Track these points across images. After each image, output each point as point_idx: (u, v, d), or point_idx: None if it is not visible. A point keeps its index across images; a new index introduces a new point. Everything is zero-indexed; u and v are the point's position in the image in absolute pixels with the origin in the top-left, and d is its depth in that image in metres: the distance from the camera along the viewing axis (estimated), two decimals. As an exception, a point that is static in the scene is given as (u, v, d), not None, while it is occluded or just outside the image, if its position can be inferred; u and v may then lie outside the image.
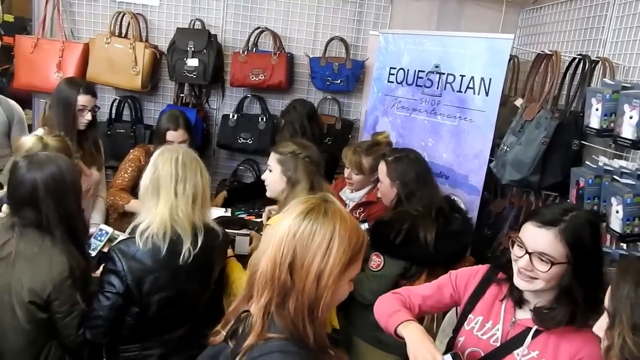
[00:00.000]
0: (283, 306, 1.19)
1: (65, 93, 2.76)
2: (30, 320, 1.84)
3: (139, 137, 3.67)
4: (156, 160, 1.96)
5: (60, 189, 1.88)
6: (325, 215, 1.21)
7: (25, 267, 1.82)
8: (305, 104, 3.28)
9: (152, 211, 1.90)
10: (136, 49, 3.53)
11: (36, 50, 3.62)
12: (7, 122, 3.48)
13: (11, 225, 1.87)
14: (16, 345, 1.86)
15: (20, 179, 1.86)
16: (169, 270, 1.92)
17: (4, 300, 1.83)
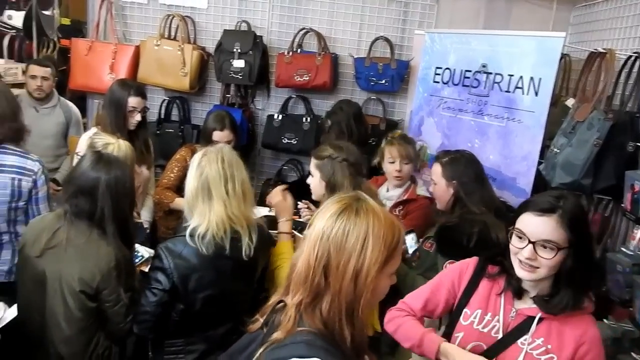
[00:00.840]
0: (313, 307, 1.18)
1: (117, 94, 2.86)
2: (81, 308, 1.93)
3: (186, 136, 3.76)
4: (200, 162, 1.97)
5: (119, 191, 1.98)
6: (357, 214, 1.19)
7: (75, 256, 1.91)
8: (352, 104, 3.28)
9: (206, 214, 1.91)
10: (184, 50, 3.61)
11: (91, 53, 3.77)
12: (65, 122, 3.65)
13: (63, 212, 1.97)
14: (68, 333, 1.94)
15: (84, 171, 1.96)
16: (213, 269, 1.95)
17: (56, 289, 1.92)
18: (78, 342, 1.97)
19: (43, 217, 2.14)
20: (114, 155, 2.13)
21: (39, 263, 1.94)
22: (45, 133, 3.53)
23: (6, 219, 2.36)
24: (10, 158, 2.34)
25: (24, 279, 2.03)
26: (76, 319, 1.93)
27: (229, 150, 2.06)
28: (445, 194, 2.32)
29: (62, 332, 1.94)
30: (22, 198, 2.36)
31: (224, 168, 1.96)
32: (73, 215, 1.96)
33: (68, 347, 1.96)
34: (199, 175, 1.94)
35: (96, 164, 1.97)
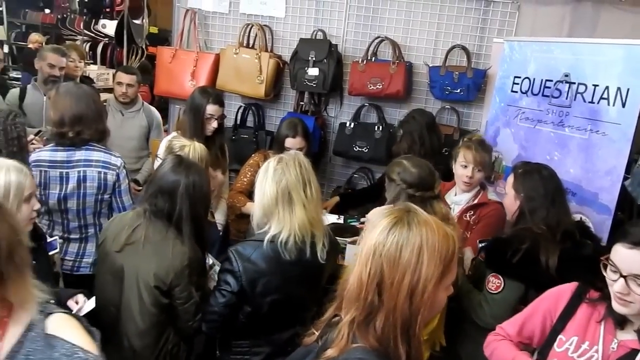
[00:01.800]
0: (366, 324, 1.16)
1: (197, 101, 2.99)
2: (155, 303, 2.03)
3: (260, 142, 3.86)
4: (276, 170, 2.00)
5: (196, 195, 2.07)
6: (409, 227, 1.15)
7: (151, 253, 2.01)
8: (425, 114, 3.22)
9: (287, 219, 1.95)
10: (261, 58, 3.72)
11: (174, 60, 3.96)
12: (147, 126, 3.86)
13: (142, 211, 2.08)
14: (141, 327, 2.05)
15: (165, 173, 2.07)
16: (280, 274, 1.99)
17: (132, 283, 2.04)
18: (150, 336, 2.07)
19: (124, 215, 2.27)
20: (193, 161, 2.24)
21: (118, 258, 2.07)
22: (129, 135, 3.76)
23: (93, 210, 2.56)
24: (96, 154, 2.54)
25: (102, 272, 2.16)
26: (149, 314, 2.04)
27: (304, 157, 2.11)
28: (512, 206, 2.24)
29: (136, 326, 2.05)
30: (107, 190, 2.56)
31: (302, 173, 2.00)
32: (152, 214, 2.07)
33: (140, 340, 2.06)
34: (279, 181, 1.96)
35: (177, 168, 2.08)
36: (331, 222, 2.91)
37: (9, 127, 2.25)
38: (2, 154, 2.17)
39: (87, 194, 2.54)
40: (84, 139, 2.52)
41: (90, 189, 2.54)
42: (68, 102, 2.52)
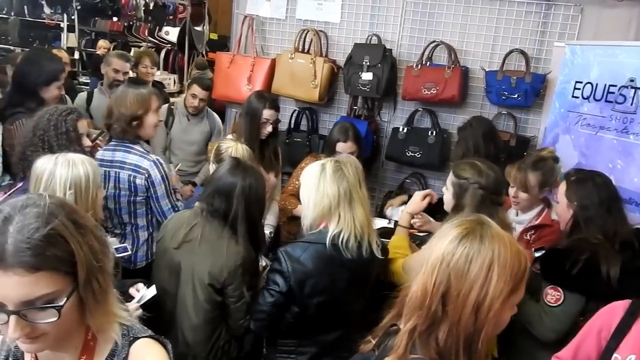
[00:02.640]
0: (428, 335, 1.13)
1: (253, 105, 3.06)
2: (209, 300, 2.09)
3: (313, 146, 3.90)
4: (336, 169, 2.04)
5: (252, 197, 2.13)
6: (481, 240, 1.12)
7: (207, 251, 2.08)
8: (483, 121, 3.15)
9: (348, 219, 1.99)
10: (316, 63, 3.76)
11: (232, 65, 4.07)
12: (209, 131, 4.01)
13: (200, 210, 2.16)
14: (195, 322, 2.12)
15: (224, 174, 2.15)
16: (328, 276, 2.02)
17: (188, 280, 2.11)
18: (203, 331, 2.14)
19: (182, 213, 2.36)
20: (250, 164, 2.30)
21: (176, 254, 2.15)
22: (192, 140, 3.90)
23: (127, 211, 2.65)
24: (131, 157, 2.60)
25: (160, 267, 2.24)
26: (203, 310, 2.10)
27: (355, 159, 2.16)
28: (565, 214, 2.16)
29: (190, 320, 2.12)
30: (138, 194, 2.61)
31: (358, 174, 2.06)
32: (209, 213, 2.14)
33: (194, 335, 2.13)
34: (340, 182, 2.01)
35: (234, 170, 2.15)
36: (380, 227, 2.91)
37: (60, 122, 2.35)
38: (54, 147, 2.29)
39: (120, 195, 2.61)
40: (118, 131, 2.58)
41: (123, 191, 2.61)
42: (112, 99, 2.67)
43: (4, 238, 0.90)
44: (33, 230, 0.91)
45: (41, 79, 2.99)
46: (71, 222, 0.96)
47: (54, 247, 0.92)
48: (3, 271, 0.89)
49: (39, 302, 0.92)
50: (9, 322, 0.90)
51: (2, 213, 0.93)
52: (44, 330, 0.95)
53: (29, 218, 0.92)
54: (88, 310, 1.00)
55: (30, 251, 0.89)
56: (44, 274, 0.91)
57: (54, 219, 0.94)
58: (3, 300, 0.90)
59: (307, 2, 4.01)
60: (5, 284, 0.89)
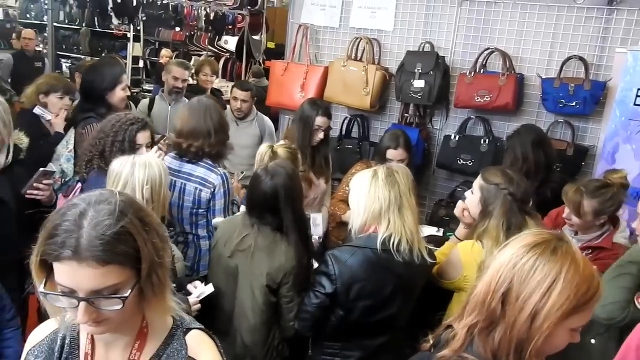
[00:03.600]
0: (488, 333, 1.14)
1: (307, 113, 3.13)
2: (266, 302, 2.16)
3: (364, 153, 3.92)
4: (389, 175, 2.07)
5: (293, 192, 2.18)
6: (553, 253, 1.12)
7: (263, 256, 2.15)
8: (532, 130, 3.08)
9: (399, 223, 2.02)
10: (368, 71, 3.79)
11: (286, 73, 4.16)
12: (260, 135, 4.10)
13: (250, 224, 2.21)
14: (253, 323, 2.19)
15: (263, 188, 2.18)
16: (375, 281, 2.04)
17: (246, 283, 2.18)
18: (260, 333, 2.20)
19: (232, 220, 2.42)
20: (275, 163, 2.33)
21: (231, 260, 2.22)
22: (243, 144, 3.99)
23: (189, 222, 2.73)
24: (199, 170, 2.68)
25: (217, 271, 2.31)
26: (261, 311, 2.16)
27: (406, 168, 2.19)
28: None
29: (248, 322, 2.19)
30: (201, 206, 2.68)
31: (408, 182, 2.08)
32: (259, 225, 2.19)
33: (252, 337, 2.19)
34: (392, 187, 2.04)
35: (268, 177, 2.18)
36: (429, 234, 2.89)
37: (120, 131, 2.48)
38: (106, 153, 2.43)
39: (184, 206, 2.69)
40: (193, 153, 2.66)
41: (187, 202, 2.69)
42: (187, 115, 2.74)
43: (80, 233, 0.97)
44: (106, 227, 0.98)
45: (105, 84, 3.17)
46: (139, 220, 1.04)
47: (123, 244, 0.99)
48: (78, 263, 0.96)
49: (106, 292, 1.00)
50: (79, 307, 0.99)
51: (77, 208, 1.01)
52: (108, 316, 1.03)
53: (102, 215, 1.00)
54: (147, 301, 1.08)
55: (103, 247, 0.97)
56: (113, 267, 0.99)
57: (124, 217, 1.01)
58: (75, 288, 0.98)
59: (361, 11, 4.05)
60: (79, 274, 0.97)
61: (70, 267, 0.97)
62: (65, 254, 0.96)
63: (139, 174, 2.07)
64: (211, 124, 2.70)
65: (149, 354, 1.15)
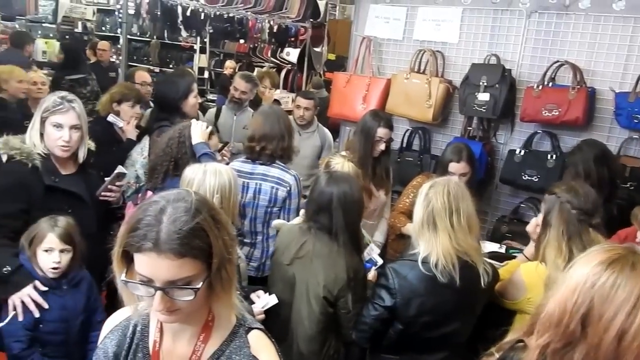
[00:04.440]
0: (563, 354, 1.10)
1: (368, 124, 3.15)
2: (322, 312, 2.18)
3: (425, 166, 3.88)
4: (428, 193, 2.07)
5: (349, 203, 2.20)
6: (633, 269, 1.07)
7: (320, 265, 2.16)
8: (594, 145, 2.95)
9: (432, 242, 2.01)
10: (431, 83, 3.76)
11: (348, 85, 4.19)
12: (320, 146, 4.16)
13: (308, 228, 2.25)
14: (309, 332, 2.21)
15: (320, 190, 2.24)
16: (435, 297, 2.02)
17: (303, 292, 2.21)
18: (316, 342, 2.22)
19: (291, 229, 2.46)
20: (342, 172, 2.39)
21: (290, 268, 2.25)
22: (304, 154, 4.05)
23: (262, 220, 2.85)
24: (273, 170, 2.84)
25: (275, 279, 2.36)
26: (317, 321, 2.18)
27: (456, 183, 2.13)
28: None
29: (305, 330, 2.21)
30: (276, 204, 2.82)
31: (450, 201, 2.03)
32: (316, 230, 2.22)
33: (308, 345, 2.22)
34: (426, 206, 2.04)
35: (328, 182, 2.23)
36: (490, 251, 2.82)
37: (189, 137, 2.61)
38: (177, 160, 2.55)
39: (259, 205, 2.84)
40: (267, 155, 2.84)
41: (262, 201, 2.83)
42: (259, 121, 2.90)
43: (159, 227, 1.05)
44: (183, 223, 1.06)
45: (178, 94, 3.32)
46: (211, 217, 1.11)
47: (197, 239, 1.07)
48: (157, 254, 1.04)
49: (180, 282, 1.07)
50: (155, 296, 1.06)
51: (158, 204, 1.09)
52: (180, 306, 1.10)
53: (179, 211, 1.08)
54: (215, 295, 1.14)
55: (180, 241, 1.04)
56: (187, 260, 1.06)
57: (199, 214, 1.08)
58: (153, 278, 1.06)
59: (425, 23, 4.03)
60: (157, 265, 1.05)
61: (150, 257, 1.05)
62: (146, 246, 1.04)
63: (210, 181, 2.16)
64: (284, 127, 2.88)
65: (212, 347, 1.21)
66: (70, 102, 2.36)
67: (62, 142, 2.32)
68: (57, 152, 2.35)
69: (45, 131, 2.32)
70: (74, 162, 2.46)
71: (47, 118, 2.31)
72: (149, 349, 1.23)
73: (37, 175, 2.27)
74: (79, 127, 2.37)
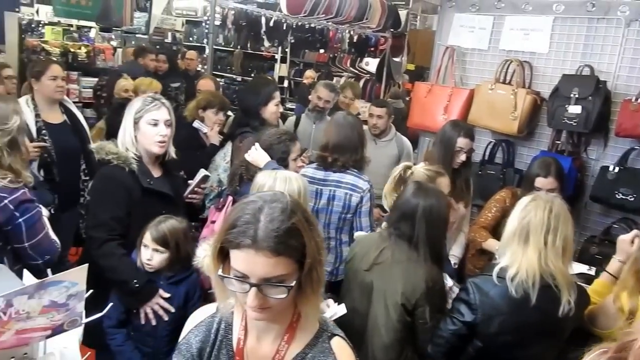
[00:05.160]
0: None
1: (448, 134, 3.08)
2: (400, 320, 2.14)
3: (508, 180, 3.74)
4: (527, 206, 1.98)
5: (434, 217, 2.16)
6: None
7: (399, 273, 2.14)
8: None
9: (518, 256, 1.93)
10: (517, 94, 3.62)
11: (429, 95, 4.13)
12: (397, 155, 4.12)
13: (388, 235, 2.24)
14: (386, 340, 2.18)
15: (406, 198, 2.22)
16: (518, 316, 1.93)
17: (380, 299, 2.18)
18: (393, 351, 2.18)
19: (369, 236, 2.47)
20: (432, 186, 2.35)
21: (367, 275, 2.23)
22: (380, 163, 4.01)
23: (336, 226, 2.88)
24: (347, 177, 2.87)
25: (351, 286, 2.34)
26: (394, 330, 2.15)
27: (561, 203, 2.02)
28: None
29: (381, 339, 2.19)
30: (350, 210, 2.84)
31: (550, 218, 1.93)
32: (396, 237, 2.20)
33: (384, 355, 2.18)
34: (522, 217, 1.96)
35: (416, 192, 2.20)
36: (579, 272, 2.66)
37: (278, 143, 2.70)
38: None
39: (333, 211, 2.87)
40: (340, 165, 2.86)
41: (336, 207, 2.86)
42: (333, 130, 2.91)
43: (257, 224, 1.08)
44: (279, 222, 1.09)
45: (259, 100, 3.42)
46: (305, 219, 1.14)
47: (292, 238, 1.10)
48: (255, 251, 1.07)
49: (274, 280, 1.09)
50: (250, 292, 1.09)
51: (255, 204, 1.13)
52: (271, 304, 1.12)
53: (276, 211, 1.11)
54: (304, 296, 1.16)
55: (276, 239, 1.07)
56: (282, 258, 1.08)
57: (294, 215, 1.12)
58: (249, 274, 1.09)
59: (513, 32, 3.90)
60: (254, 261, 1.08)
61: (248, 254, 1.08)
62: (245, 242, 1.08)
63: (280, 188, 2.18)
64: (357, 138, 2.89)
65: (296, 349, 1.23)
66: (160, 100, 2.44)
67: (160, 137, 2.37)
68: (155, 148, 2.39)
69: (139, 131, 2.38)
70: (159, 165, 2.53)
71: (141, 117, 2.36)
72: (232, 346, 1.26)
73: (134, 178, 2.35)
74: (171, 122, 2.42)
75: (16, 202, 2.04)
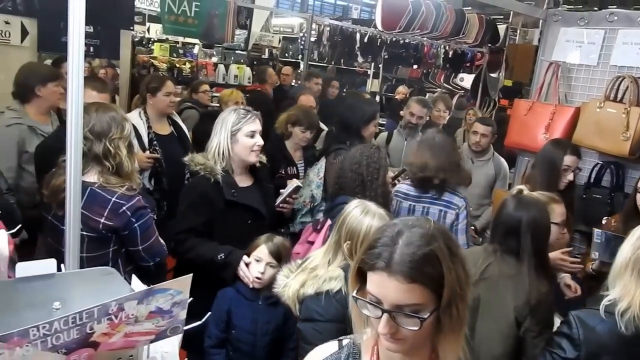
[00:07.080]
0: None
1: (551, 153, 2.94)
2: (511, 334, 2.10)
3: (616, 205, 3.46)
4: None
5: (538, 229, 2.14)
6: None
7: (508, 286, 2.12)
8: None
9: (630, 289, 1.78)
10: (630, 113, 3.36)
11: (530, 113, 3.93)
12: (494, 175, 3.97)
13: (493, 250, 2.21)
14: (495, 352, 2.12)
15: (508, 213, 2.20)
16: (630, 357, 1.78)
17: (489, 315, 2.13)
18: None
19: (472, 249, 2.44)
20: (532, 197, 2.33)
21: (473, 290, 2.15)
22: (475, 182, 3.88)
23: None
24: (443, 194, 2.82)
25: None
26: (504, 343, 2.12)
27: None
28: None
29: (490, 350, 2.13)
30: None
31: None
32: (502, 252, 2.18)
33: None
34: (637, 247, 1.80)
35: (518, 205, 2.19)
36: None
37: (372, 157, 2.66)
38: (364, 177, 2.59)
39: None
40: (433, 185, 2.81)
41: None
42: (427, 151, 2.86)
43: (394, 248, 1.06)
44: (416, 247, 1.05)
45: (362, 119, 3.44)
46: (447, 247, 1.08)
47: (429, 266, 1.05)
48: (388, 275, 1.04)
49: (407, 309, 1.04)
50: (382, 318, 1.05)
51: (396, 227, 1.10)
52: (404, 335, 1.06)
53: (415, 236, 1.07)
54: (443, 334, 1.09)
55: (412, 264, 1.03)
56: (417, 286, 1.04)
57: (434, 241, 1.06)
58: (381, 298, 1.06)
59: (626, 47, 3.63)
60: (387, 286, 1.04)
61: (381, 277, 1.05)
62: (379, 265, 1.05)
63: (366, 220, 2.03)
64: (446, 161, 2.81)
65: None
66: (251, 112, 2.57)
67: (257, 147, 2.52)
68: (252, 158, 2.53)
69: (237, 143, 2.50)
70: (250, 175, 2.63)
71: (239, 130, 2.50)
72: None
73: (218, 189, 2.46)
74: (261, 132, 2.56)
75: (133, 209, 2.19)
